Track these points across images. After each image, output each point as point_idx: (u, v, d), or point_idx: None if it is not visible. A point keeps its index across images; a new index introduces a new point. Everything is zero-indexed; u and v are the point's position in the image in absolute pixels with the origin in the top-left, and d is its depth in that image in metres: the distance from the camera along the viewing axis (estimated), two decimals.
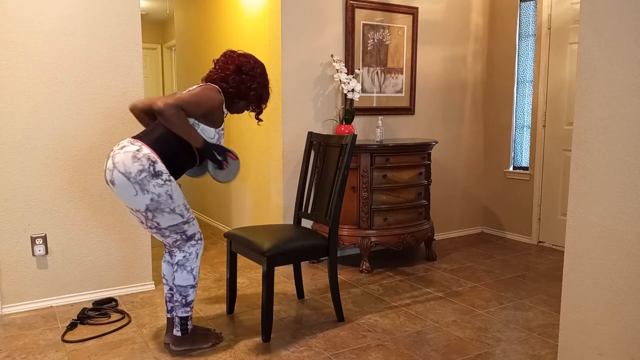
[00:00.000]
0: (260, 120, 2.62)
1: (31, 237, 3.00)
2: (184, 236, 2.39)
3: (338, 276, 3.22)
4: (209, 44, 5.09)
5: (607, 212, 1.89)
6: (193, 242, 2.42)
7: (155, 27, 7.97)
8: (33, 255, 3.01)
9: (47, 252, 3.05)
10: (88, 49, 3.04)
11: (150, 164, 2.23)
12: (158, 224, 2.31)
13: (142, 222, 2.35)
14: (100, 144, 3.12)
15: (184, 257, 2.40)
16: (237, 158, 2.52)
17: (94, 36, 3.05)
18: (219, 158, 2.42)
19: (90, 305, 3.06)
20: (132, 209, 2.31)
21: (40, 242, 3.02)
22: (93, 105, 3.09)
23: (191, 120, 2.34)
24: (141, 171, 2.21)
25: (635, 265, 1.82)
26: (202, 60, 5.24)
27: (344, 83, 3.77)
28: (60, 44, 2.97)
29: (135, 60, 3.18)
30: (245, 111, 2.61)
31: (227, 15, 4.66)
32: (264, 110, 2.62)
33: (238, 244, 2.81)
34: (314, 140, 3.13)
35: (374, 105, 4.17)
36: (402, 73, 4.28)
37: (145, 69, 7.77)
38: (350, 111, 3.85)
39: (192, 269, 2.42)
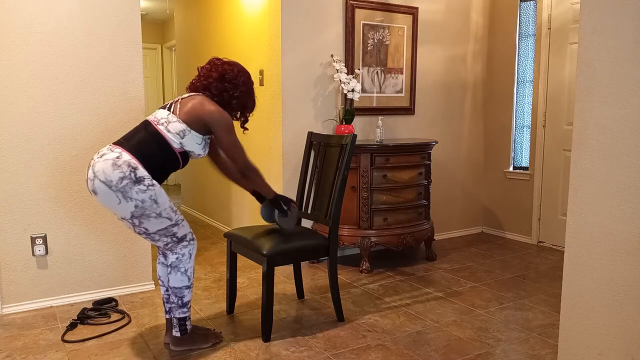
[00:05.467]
0: (245, 129, 2.60)
1: (31, 237, 3.00)
2: (174, 238, 2.37)
3: (338, 276, 3.22)
4: (209, 44, 5.09)
5: (607, 212, 1.89)
6: (185, 243, 2.41)
7: (155, 27, 7.97)
8: (33, 255, 3.01)
9: (47, 252, 3.05)
10: (88, 49, 3.04)
11: (130, 171, 2.20)
12: (146, 229, 2.29)
13: (130, 228, 2.34)
14: (100, 144, 3.12)
15: (177, 258, 2.39)
16: (295, 205, 2.74)
17: (94, 36, 3.05)
18: (285, 208, 2.66)
19: (90, 305, 3.06)
20: (119, 217, 2.30)
21: (40, 242, 3.02)
22: (93, 105, 3.09)
23: (182, 127, 2.30)
24: (122, 178, 2.18)
25: (635, 265, 1.82)
26: (202, 60, 5.24)
27: (344, 83, 3.77)
28: (60, 44, 2.97)
29: (135, 60, 3.18)
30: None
31: (227, 15, 4.66)
32: (249, 119, 2.60)
33: (238, 244, 2.81)
34: (314, 140, 3.13)
35: (374, 105, 4.17)
36: (402, 73, 4.28)
37: (145, 69, 7.78)
38: (350, 111, 3.85)
39: (186, 270, 2.41)
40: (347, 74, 3.94)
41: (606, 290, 1.91)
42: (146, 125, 2.33)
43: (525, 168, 4.61)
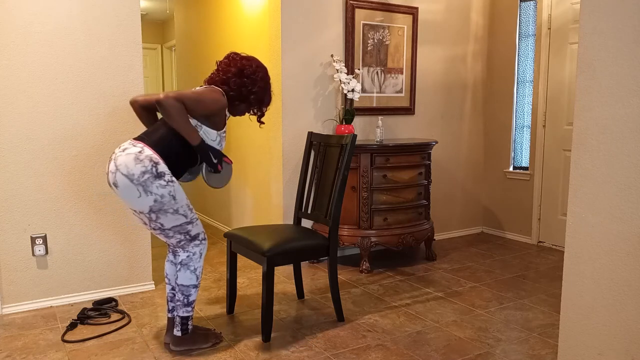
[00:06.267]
0: (262, 122, 2.63)
1: (31, 237, 3.00)
2: (187, 236, 2.39)
3: (338, 276, 3.22)
4: (209, 44, 5.09)
5: (607, 212, 1.89)
6: (197, 242, 2.42)
7: (155, 27, 7.97)
8: (33, 255, 3.01)
9: (47, 252, 3.05)
10: (88, 49, 3.04)
11: (152, 165, 2.23)
12: (162, 224, 2.31)
13: (145, 224, 2.35)
14: (100, 144, 3.12)
15: (188, 256, 2.41)
16: (231, 162, 2.51)
17: (94, 36, 3.05)
18: (215, 161, 2.40)
19: (90, 305, 3.06)
20: (135, 211, 2.31)
21: (40, 242, 3.02)
22: (93, 105, 3.09)
23: (193, 122, 2.34)
24: (144, 172, 2.21)
25: (635, 265, 1.82)
26: (202, 60, 5.24)
27: (344, 83, 3.77)
28: (60, 44, 2.97)
29: (135, 60, 3.18)
30: (247, 114, 2.61)
31: (227, 15, 4.66)
32: (265, 113, 2.63)
33: (238, 244, 2.81)
34: (314, 140, 3.13)
35: (374, 105, 4.17)
36: (402, 73, 4.28)
37: (145, 69, 7.78)
38: (350, 111, 3.85)
39: (195, 269, 2.42)
40: (347, 74, 3.94)
41: (606, 290, 1.91)
42: (165, 122, 2.35)
43: (525, 168, 4.61)
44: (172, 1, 6.23)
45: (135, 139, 2.34)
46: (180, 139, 2.32)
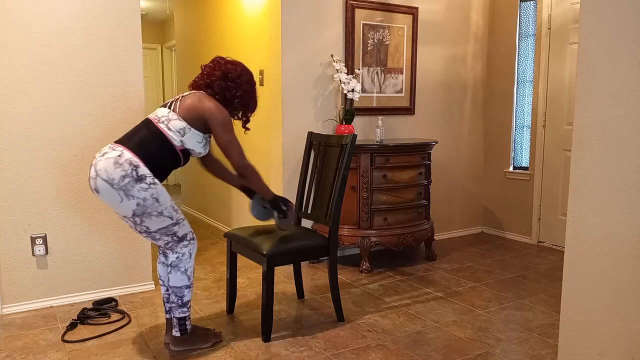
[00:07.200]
0: (247, 129, 2.61)
1: (31, 237, 3.00)
2: (175, 238, 2.37)
3: (338, 276, 3.22)
4: (209, 44, 5.09)
5: (607, 212, 1.89)
6: (185, 242, 2.41)
7: (155, 27, 7.97)
8: (33, 255, 3.01)
9: (47, 252, 3.05)
10: (88, 49, 3.04)
11: (132, 169, 2.21)
12: (147, 227, 2.29)
13: (132, 227, 2.34)
14: (100, 144, 3.12)
15: (177, 258, 2.39)
16: (293, 205, 2.73)
17: (94, 36, 3.05)
18: (284, 208, 2.63)
19: (90, 305, 3.06)
20: (120, 215, 2.30)
21: (40, 242, 3.02)
22: (93, 105, 3.09)
23: (182, 124, 2.31)
24: (124, 177, 2.19)
25: (635, 266, 1.82)
26: (202, 60, 5.23)
27: (344, 83, 3.77)
28: (60, 44, 2.97)
29: (135, 60, 3.18)
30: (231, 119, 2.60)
31: (227, 15, 4.66)
32: (250, 119, 2.61)
33: (238, 244, 2.81)
34: (314, 140, 3.13)
35: (374, 105, 4.17)
36: (402, 73, 4.28)
37: (145, 69, 7.77)
38: (350, 111, 3.85)
39: (186, 270, 2.41)
40: (347, 74, 3.93)
41: (606, 290, 1.91)
42: (147, 124, 2.33)
43: (525, 168, 4.61)
44: (172, 1, 6.23)
45: (115, 142, 2.32)
46: (162, 140, 2.30)
